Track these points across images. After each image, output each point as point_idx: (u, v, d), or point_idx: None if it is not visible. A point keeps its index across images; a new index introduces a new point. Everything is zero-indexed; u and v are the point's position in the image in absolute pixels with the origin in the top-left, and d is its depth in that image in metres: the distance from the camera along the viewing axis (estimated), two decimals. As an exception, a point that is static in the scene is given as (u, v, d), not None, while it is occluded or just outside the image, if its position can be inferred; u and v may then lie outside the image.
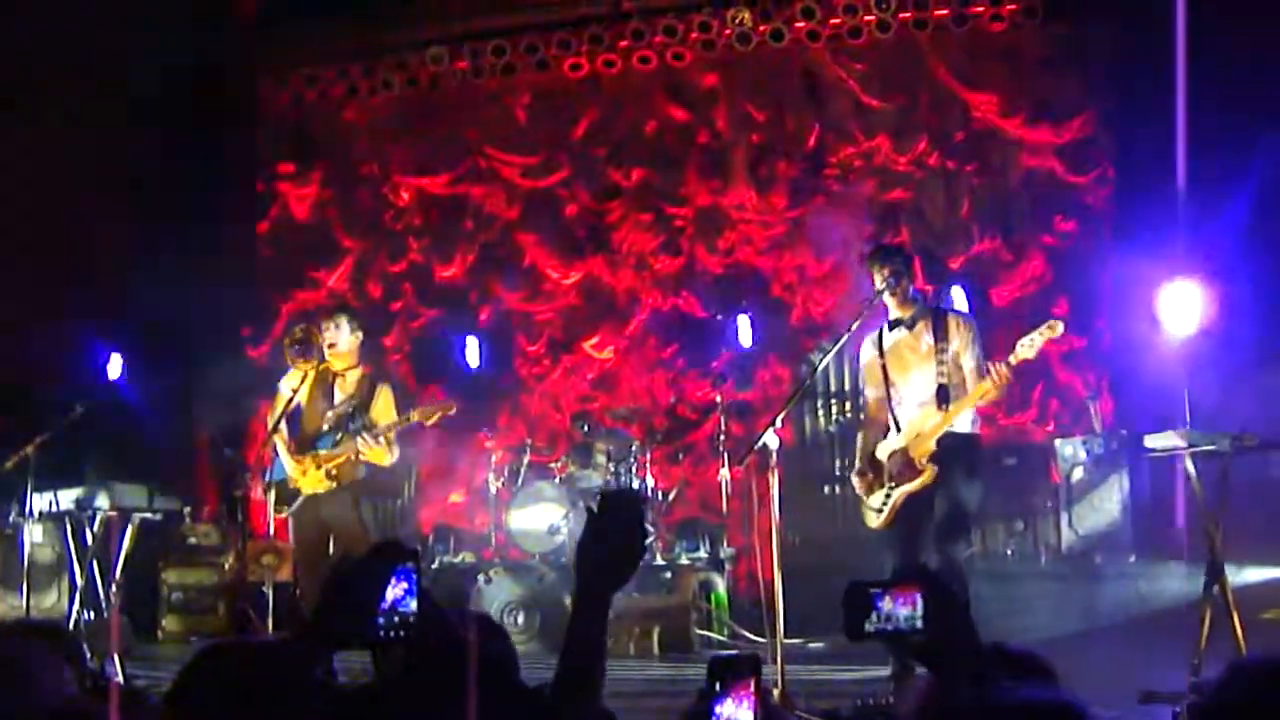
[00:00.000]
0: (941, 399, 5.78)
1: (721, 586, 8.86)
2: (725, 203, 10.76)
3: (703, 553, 9.02)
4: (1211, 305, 6.96)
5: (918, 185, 10.34)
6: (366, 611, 1.98)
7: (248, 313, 11.22)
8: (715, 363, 10.12)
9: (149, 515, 7.56)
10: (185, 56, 10.04)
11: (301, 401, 6.80)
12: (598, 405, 10.59)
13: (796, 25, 10.36)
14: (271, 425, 6.80)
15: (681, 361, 10.69)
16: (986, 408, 6.17)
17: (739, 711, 1.87)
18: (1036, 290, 9.95)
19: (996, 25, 10.09)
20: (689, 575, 8.65)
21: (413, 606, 1.99)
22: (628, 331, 10.92)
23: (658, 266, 10.89)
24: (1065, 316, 6.07)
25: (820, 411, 10.43)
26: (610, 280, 11.01)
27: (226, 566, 9.36)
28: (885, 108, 10.39)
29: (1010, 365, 5.57)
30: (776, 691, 5.35)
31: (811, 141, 10.55)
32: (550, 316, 11.11)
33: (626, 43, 10.75)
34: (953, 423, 5.74)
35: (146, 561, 8.80)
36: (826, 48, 10.45)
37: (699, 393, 10.45)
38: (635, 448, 9.20)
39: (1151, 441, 5.96)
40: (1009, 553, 9.02)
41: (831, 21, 10.29)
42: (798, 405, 9.28)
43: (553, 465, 9.37)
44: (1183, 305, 6.81)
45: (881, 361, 6.01)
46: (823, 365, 6.32)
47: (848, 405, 10.14)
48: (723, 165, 10.81)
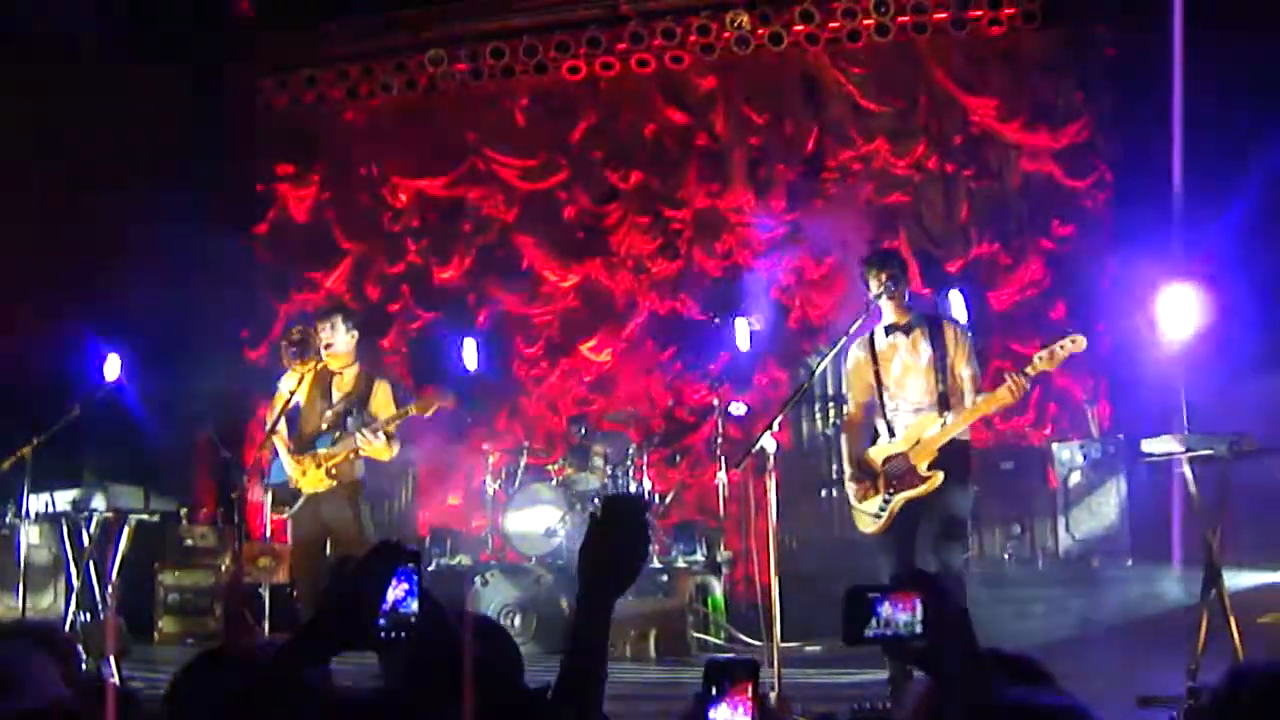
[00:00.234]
0: (943, 406, 5.79)
1: (718, 590, 8.84)
2: (723, 206, 10.75)
3: (700, 556, 9.00)
4: (1209, 309, 6.95)
5: (916, 189, 10.35)
6: (368, 613, 1.97)
7: (245, 314, 11.19)
8: (713, 365, 10.11)
9: (145, 517, 7.54)
10: (185, 57, 10.03)
11: (300, 402, 6.81)
12: (595, 408, 10.58)
13: (795, 28, 10.36)
14: (269, 426, 6.80)
15: (679, 364, 10.68)
16: (983, 412, 6.17)
17: (735, 716, 1.87)
18: (1035, 294, 9.95)
19: (995, 29, 10.10)
20: (686, 578, 8.64)
21: (414, 607, 1.99)
22: (625, 334, 10.91)
23: (656, 269, 10.88)
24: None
25: (818, 415, 10.42)
26: (608, 283, 11.00)
27: (223, 568, 9.36)
28: (884, 111, 10.40)
29: (1028, 376, 5.58)
30: (773, 695, 5.35)
31: (810, 145, 10.55)
32: (548, 319, 11.10)
33: (625, 45, 10.74)
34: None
35: (143, 563, 8.77)
36: (825, 51, 10.45)
37: (696, 395, 10.44)
38: (632, 450, 9.20)
39: (1149, 446, 5.97)
40: (1006, 557, 9.02)
41: (830, 25, 10.29)
42: (795, 408, 9.28)
43: (550, 468, 9.35)
44: (1180, 309, 6.80)
45: (875, 367, 6.01)
46: (820, 369, 6.32)
47: (845, 409, 10.11)
48: (721, 168, 10.80)
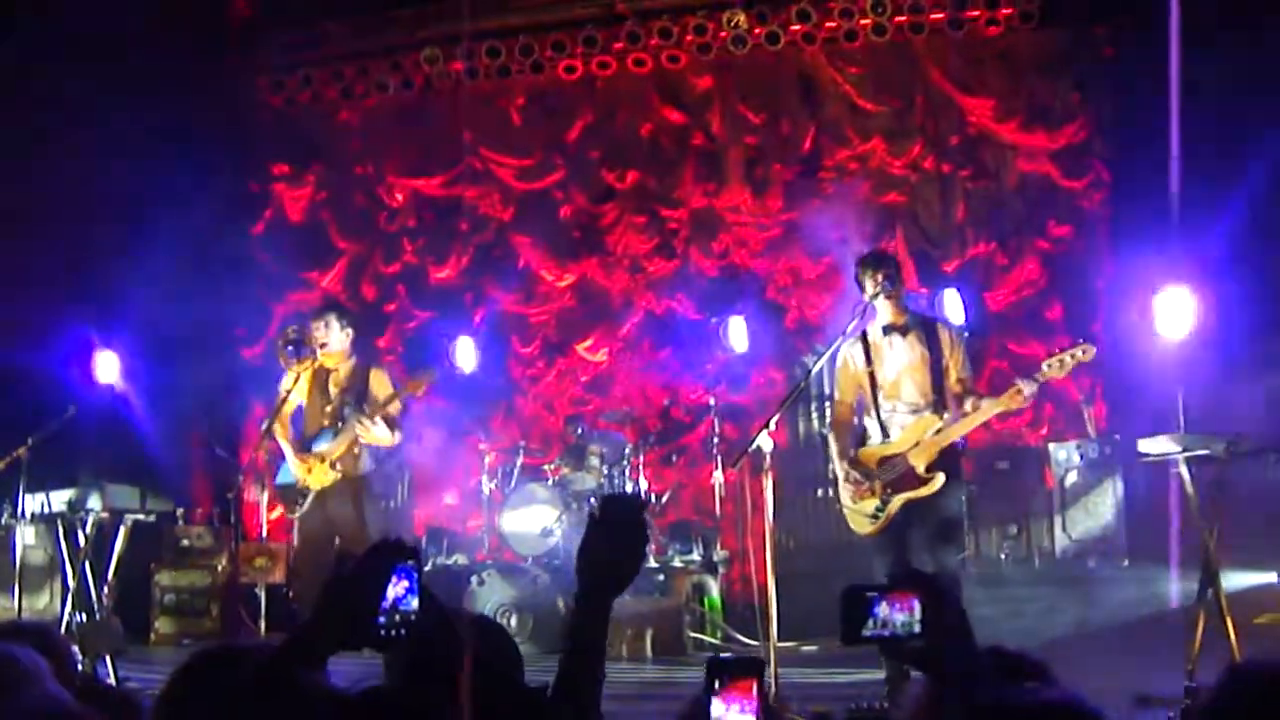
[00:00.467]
0: (941, 408, 5.79)
1: (715, 589, 8.84)
2: (720, 205, 10.75)
3: (696, 555, 9.00)
4: (1205, 310, 6.97)
5: (913, 189, 10.35)
6: (367, 611, 1.96)
7: (242, 314, 11.17)
8: (709, 365, 10.10)
9: (141, 517, 7.52)
10: (181, 56, 10.01)
11: (301, 402, 6.83)
12: (591, 407, 10.57)
13: (792, 28, 10.35)
14: (265, 427, 6.80)
15: (675, 364, 10.67)
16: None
17: (740, 714, 1.87)
18: (1031, 294, 9.95)
19: (992, 29, 10.09)
20: (682, 578, 8.64)
21: (414, 605, 1.97)
22: (622, 333, 10.90)
23: (652, 269, 10.88)
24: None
25: (814, 415, 10.42)
26: (604, 282, 10.99)
27: (219, 568, 9.35)
28: (880, 111, 10.40)
29: (1037, 382, 5.59)
30: (770, 695, 5.35)
31: (807, 144, 10.54)
32: (544, 318, 11.09)
33: (621, 45, 10.72)
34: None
35: (139, 563, 8.75)
36: (822, 51, 10.44)
37: (693, 395, 10.43)
38: (629, 450, 9.19)
39: (1145, 446, 5.97)
40: (1003, 557, 9.01)
41: (827, 24, 10.28)
42: (791, 408, 9.27)
43: (546, 467, 9.34)
44: (1177, 310, 6.82)
45: (869, 368, 6.01)
46: (817, 368, 6.31)
47: (832, 409, 10.09)
48: (718, 168, 10.79)
